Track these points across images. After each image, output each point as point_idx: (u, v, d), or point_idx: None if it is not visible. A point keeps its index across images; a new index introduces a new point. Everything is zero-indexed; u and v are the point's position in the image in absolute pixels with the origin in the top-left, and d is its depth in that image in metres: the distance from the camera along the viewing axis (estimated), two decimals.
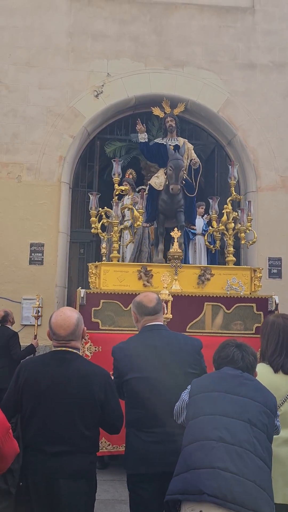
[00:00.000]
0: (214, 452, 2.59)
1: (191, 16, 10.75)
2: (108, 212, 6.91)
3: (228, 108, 10.70)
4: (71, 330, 3.09)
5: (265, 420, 2.75)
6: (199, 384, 2.96)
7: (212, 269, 6.71)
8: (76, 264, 10.89)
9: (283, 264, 10.43)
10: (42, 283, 9.80)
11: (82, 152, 10.81)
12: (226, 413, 2.72)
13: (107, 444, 5.73)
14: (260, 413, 2.75)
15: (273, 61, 10.81)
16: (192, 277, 6.64)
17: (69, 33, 10.53)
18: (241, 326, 6.36)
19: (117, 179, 6.82)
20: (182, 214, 7.37)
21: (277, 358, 3.25)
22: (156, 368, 3.20)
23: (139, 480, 3.16)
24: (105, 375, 3.13)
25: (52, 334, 3.13)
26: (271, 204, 10.48)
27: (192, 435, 2.73)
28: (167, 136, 7.93)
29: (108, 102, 10.52)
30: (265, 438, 2.72)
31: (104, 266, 6.70)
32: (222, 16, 10.80)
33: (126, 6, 10.66)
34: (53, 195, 10.16)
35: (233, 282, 6.48)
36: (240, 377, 2.90)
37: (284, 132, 10.72)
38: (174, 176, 6.97)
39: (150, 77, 10.56)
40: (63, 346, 3.10)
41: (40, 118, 10.31)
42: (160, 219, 7.59)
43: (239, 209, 7.04)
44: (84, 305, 6.25)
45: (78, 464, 2.92)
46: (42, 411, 2.96)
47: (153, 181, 7.64)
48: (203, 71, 10.67)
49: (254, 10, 10.89)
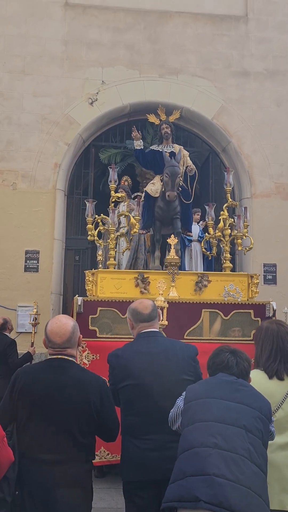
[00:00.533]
0: (209, 459, 2.57)
1: (186, 24, 10.77)
2: (104, 219, 6.87)
3: (223, 116, 10.70)
4: (66, 337, 3.07)
5: (260, 426, 2.73)
6: (194, 390, 2.93)
7: (209, 275, 6.68)
8: (72, 271, 10.85)
9: (278, 270, 10.41)
10: (38, 291, 9.73)
11: (77, 160, 10.78)
12: (221, 419, 2.70)
13: (106, 453, 5.67)
14: (255, 419, 2.73)
15: (267, 68, 10.84)
16: (189, 283, 6.60)
17: (64, 41, 10.52)
18: (239, 333, 6.33)
19: (113, 186, 6.79)
20: (179, 220, 7.34)
21: (272, 364, 3.25)
22: (152, 375, 3.18)
23: (135, 487, 3.14)
24: (101, 383, 3.10)
25: (48, 342, 3.10)
26: (265, 211, 10.48)
27: (188, 442, 2.71)
28: (163, 143, 7.90)
29: (103, 110, 10.49)
30: (260, 444, 2.70)
31: (101, 274, 6.66)
32: (216, 25, 10.83)
33: (120, 15, 10.67)
34: (48, 202, 10.11)
35: (230, 288, 6.45)
36: (235, 383, 2.88)
37: (278, 139, 10.74)
38: (171, 183, 6.95)
39: (144, 85, 10.56)
40: (58, 354, 3.08)
41: (35, 125, 10.27)
42: (156, 226, 7.56)
43: (235, 215, 7.02)
44: (81, 312, 6.21)
45: (74, 473, 2.90)
46: (38, 419, 2.94)
47: (149, 188, 7.61)
48: (197, 78, 10.68)
49: (248, 18, 10.92)
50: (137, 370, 3.21)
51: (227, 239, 6.88)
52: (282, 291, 10.10)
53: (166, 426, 3.02)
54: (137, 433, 3.15)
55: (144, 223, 7.59)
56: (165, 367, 3.23)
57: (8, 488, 2.82)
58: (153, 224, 7.66)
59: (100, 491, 5.55)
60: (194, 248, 9.01)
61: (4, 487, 2.81)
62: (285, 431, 3.17)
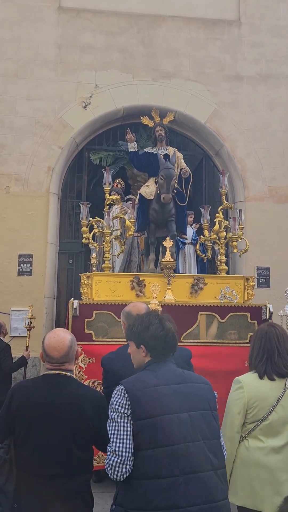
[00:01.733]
0: (179, 489, 2.49)
1: (179, 28, 10.72)
2: (98, 222, 6.76)
3: (216, 119, 10.65)
4: (64, 351, 3.02)
5: (214, 423, 2.76)
6: (141, 404, 2.66)
7: (205, 278, 6.59)
8: (65, 275, 10.74)
9: (271, 273, 10.36)
10: (31, 294, 9.61)
11: (70, 163, 10.69)
12: (182, 439, 2.59)
13: (104, 458, 5.55)
14: (210, 421, 2.72)
15: (260, 73, 10.81)
16: (185, 286, 6.50)
17: (57, 45, 10.43)
18: (235, 336, 6.24)
19: (107, 189, 6.69)
20: (174, 223, 7.22)
21: (259, 363, 3.27)
22: None
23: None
24: (98, 399, 3.07)
25: (46, 356, 3.05)
26: (259, 214, 10.42)
27: (152, 468, 2.52)
28: (157, 145, 7.78)
29: (96, 113, 10.41)
30: (215, 444, 2.69)
31: (96, 277, 6.55)
32: (209, 29, 10.79)
33: (113, 18, 10.61)
34: (42, 206, 10.00)
35: (226, 291, 6.36)
36: (183, 384, 2.75)
37: (271, 142, 10.71)
38: (166, 185, 6.83)
39: (138, 89, 10.49)
40: (56, 369, 3.03)
41: (28, 129, 10.17)
42: (151, 228, 7.43)
43: (231, 217, 6.94)
44: (77, 316, 6.10)
45: (72, 486, 2.86)
46: (36, 435, 2.89)
47: (143, 191, 7.48)
48: (190, 82, 10.63)
49: (240, 22, 10.89)
50: (131, 373, 3.05)
51: (223, 242, 6.79)
52: (275, 294, 10.02)
53: None
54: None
55: (139, 225, 7.47)
56: None
57: (6, 501, 2.79)
58: (147, 227, 7.54)
59: (94, 496, 5.44)
60: (188, 250, 8.92)
61: (2, 500, 2.78)
62: (279, 435, 3.17)
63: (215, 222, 6.77)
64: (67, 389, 2.98)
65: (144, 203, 7.42)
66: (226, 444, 3.08)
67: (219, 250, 6.87)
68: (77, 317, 6.08)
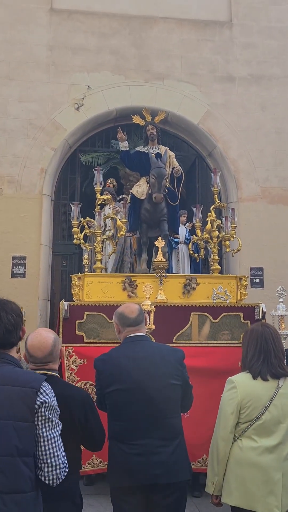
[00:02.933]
0: None
1: (170, 29, 10.57)
2: (90, 222, 6.59)
3: (208, 120, 10.51)
4: (48, 351, 2.98)
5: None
6: None
7: (197, 278, 6.41)
8: (59, 276, 10.59)
9: (265, 274, 10.22)
10: (25, 296, 9.43)
11: (63, 165, 10.52)
12: None
13: (98, 461, 5.39)
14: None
15: (252, 74, 10.67)
16: (177, 286, 6.33)
17: (49, 47, 10.28)
18: (228, 336, 6.07)
19: (99, 188, 6.51)
20: (166, 223, 7.04)
21: (255, 364, 3.23)
22: (138, 380, 3.11)
23: (122, 493, 3.06)
24: (84, 397, 3.07)
25: (29, 357, 3.01)
26: (252, 215, 10.29)
27: None
28: (148, 144, 7.59)
29: (89, 115, 10.26)
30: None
31: (88, 277, 6.37)
32: (201, 30, 10.65)
33: (105, 20, 10.46)
34: (35, 207, 9.84)
35: (219, 291, 6.19)
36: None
37: (264, 143, 10.57)
38: (157, 184, 6.66)
39: (130, 90, 10.34)
40: (40, 369, 2.98)
41: (21, 131, 10.01)
42: (143, 228, 7.25)
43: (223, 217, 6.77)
44: (67, 317, 5.93)
45: (62, 486, 2.70)
46: None
47: (135, 190, 7.30)
48: (183, 83, 10.48)
49: (232, 24, 10.75)
50: (124, 374, 3.13)
51: (215, 241, 6.62)
52: (269, 295, 9.86)
53: (153, 431, 3.00)
54: (124, 438, 3.06)
55: (131, 225, 7.28)
56: (152, 371, 3.15)
57: None
58: (139, 227, 7.36)
59: (89, 497, 5.37)
60: (181, 250, 8.75)
61: None
62: (272, 434, 3.14)
63: (207, 221, 6.61)
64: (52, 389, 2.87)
65: (136, 202, 7.24)
66: (219, 444, 3.13)
67: (212, 249, 6.70)
68: (68, 318, 5.92)
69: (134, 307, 3.40)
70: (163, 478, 2.98)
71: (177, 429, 3.16)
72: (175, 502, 3.05)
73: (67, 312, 5.92)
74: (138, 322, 3.34)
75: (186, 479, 3.16)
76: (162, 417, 3.07)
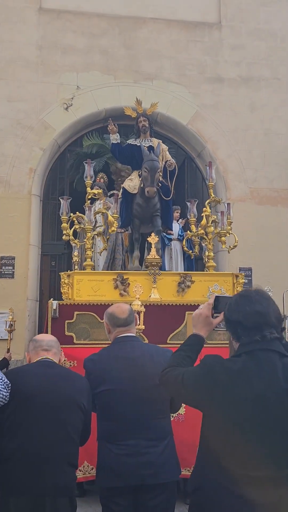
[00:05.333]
0: None
1: (160, 30, 10.02)
2: (80, 217, 5.96)
3: (197, 121, 9.98)
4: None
5: None
6: None
7: (192, 275, 5.80)
8: (48, 277, 10.00)
9: (254, 274, 9.72)
10: (13, 297, 8.93)
11: (52, 165, 9.92)
12: None
13: (90, 468, 4.77)
14: None
15: (240, 75, 10.16)
16: (172, 284, 5.72)
17: (38, 46, 9.67)
18: (224, 336, 5.47)
19: (89, 182, 5.86)
20: (159, 218, 6.40)
21: None
22: (128, 380, 2.95)
23: (111, 494, 2.89)
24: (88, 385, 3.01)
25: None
26: (241, 215, 9.72)
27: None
28: (140, 137, 6.94)
29: (78, 115, 9.69)
30: None
31: (78, 275, 5.74)
32: (190, 31, 10.11)
33: (95, 20, 9.87)
34: (24, 207, 9.26)
35: (215, 289, 5.59)
36: None
37: (253, 144, 10.08)
38: (150, 178, 6.02)
39: (120, 90, 9.76)
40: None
41: (10, 130, 9.40)
42: (135, 224, 6.59)
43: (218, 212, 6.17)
44: (56, 317, 5.33)
45: (60, 480, 2.70)
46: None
47: (126, 184, 6.63)
48: (172, 84, 9.94)
49: (221, 25, 10.23)
50: (114, 375, 2.98)
51: (210, 237, 6.01)
52: None
53: (143, 432, 2.86)
54: (113, 438, 2.90)
55: (122, 221, 6.63)
56: (142, 372, 2.97)
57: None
58: (131, 222, 6.70)
59: (78, 499, 4.75)
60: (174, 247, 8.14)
61: None
62: None
63: (202, 216, 5.99)
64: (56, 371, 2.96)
65: (128, 197, 6.57)
66: None
67: (207, 246, 6.09)
68: (57, 318, 5.31)
69: (125, 308, 3.21)
70: (151, 479, 2.81)
71: (166, 429, 2.99)
72: (163, 502, 2.86)
73: (56, 311, 5.33)
74: (128, 323, 3.15)
75: (175, 480, 2.99)
76: (151, 418, 2.89)
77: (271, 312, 2.13)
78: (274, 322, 2.11)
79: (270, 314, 2.12)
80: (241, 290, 2.38)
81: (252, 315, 2.11)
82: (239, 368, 2.04)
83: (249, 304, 2.14)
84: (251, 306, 2.13)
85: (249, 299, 2.17)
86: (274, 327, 2.11)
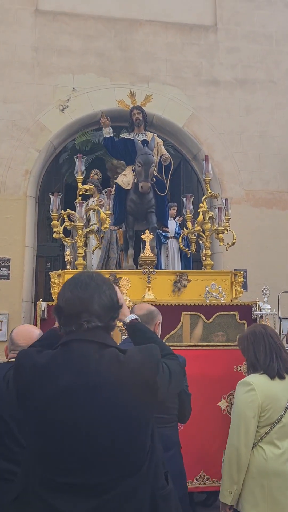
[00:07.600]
0: None
1: (156, 33, 9.49)
2: (71, 214, 5.39)
3: (193, 123, 9.44)
4: (32, 341, 2.65)
5: None
6: None
7: (188, 274, 5.22)
8: (43, 278, 9.45)
9: (249, 276, 9.16)
10: (9, 298, 8.43)
11: (48, 166, 9.36)
12: None
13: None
14: None
15: (236, 78, 9.63)
16: (167, 284, 5.15)
17: (34, 48, 9.14)
18: (223, 338, 4.90)
19: (80, 178, 5.29)
20: (154, 215, 5.79)
21: (271, 363, 2.83)
22: None
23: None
24: None
25: (11, 345, 2.76)
26: (236, 217, 9.07)
27: None
28: (134, 130, 6.34)
29: (74, 117, 9.15)
30: None
31: (68, 275, 5.15)
32: (186, 34, 9.58)
33: (91, 22, 9.35)
34: (19, 209, 8.73)
35: (212, 288, 5.03)
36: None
37: (248, 146, 9.54)
38: (144, 173, 5.44)
39: (115, 92, 9.20)
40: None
41: (5, 132, 8.87)
42: (129, 221, 5.97)
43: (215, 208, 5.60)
44: (45, 319, 4.76)
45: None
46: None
47: (120, 180, 6.00)
48: (168, 86, 9.41)
49: (217, 28, 9.70)
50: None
51: (207, 234, 5.44)
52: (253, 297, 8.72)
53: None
54: None
55: (116, 218, 6.03)
56: None
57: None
58: (125, 219, 6.09)
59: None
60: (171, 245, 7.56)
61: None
62: None
63: (198, 213, 5.42)
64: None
65: (121, 193, 5.95)
66: (241, 450, 2.66)
67: (204, 243, 5.52)
68: (46, 320, 4.74)
69: (144, 306, 3.02)
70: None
71: (172, 439, 2.86)
72: None
73: (44, 313, 4.74)
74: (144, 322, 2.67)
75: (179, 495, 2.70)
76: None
77: (96, 298, 1.70)
78: (97, 310, 1.70)
79: (93, 300, 1.70)
80: (77, 273, 1.84)
81: (73, 300, 1.70)
82: (45, 363, 1.68)
83: (73, 289, 1.72)
84: (74, 291, 1.71)
85: (76, 282, 1.74)
86: (96, 315, 1.69)
